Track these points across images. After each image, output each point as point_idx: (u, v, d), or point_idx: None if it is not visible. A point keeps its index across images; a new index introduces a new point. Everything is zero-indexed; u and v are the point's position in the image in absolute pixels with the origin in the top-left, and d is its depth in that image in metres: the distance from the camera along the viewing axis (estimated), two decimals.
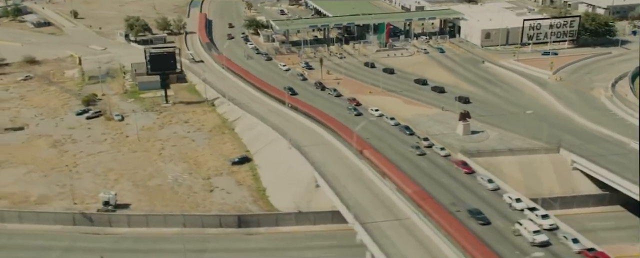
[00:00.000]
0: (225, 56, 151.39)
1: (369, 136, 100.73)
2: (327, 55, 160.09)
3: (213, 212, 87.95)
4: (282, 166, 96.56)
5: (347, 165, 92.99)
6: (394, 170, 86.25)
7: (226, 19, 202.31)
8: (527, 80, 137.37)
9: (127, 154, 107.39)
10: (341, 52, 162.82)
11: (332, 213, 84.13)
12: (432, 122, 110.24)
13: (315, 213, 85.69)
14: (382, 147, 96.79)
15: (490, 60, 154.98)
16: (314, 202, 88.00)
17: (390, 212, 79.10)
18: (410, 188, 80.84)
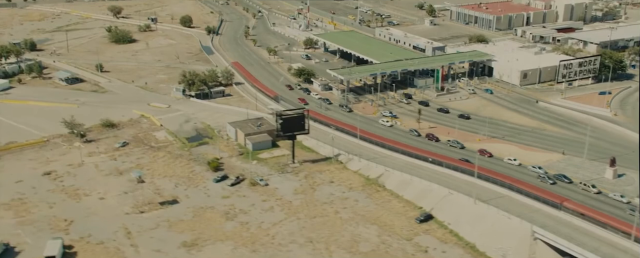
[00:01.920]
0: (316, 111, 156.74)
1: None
2: (395, 102, 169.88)
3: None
4: (483, 221, 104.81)
5: (551, 217, 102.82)
6: (612, 218, 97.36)
7: (256, 67, 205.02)
8: (596, 118, 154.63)
9: (309, 220, 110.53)
10: (404, 98, 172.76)
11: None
12: (572, 167, 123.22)
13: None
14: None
15: (542, 99, 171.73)
16: (537, 254, 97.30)
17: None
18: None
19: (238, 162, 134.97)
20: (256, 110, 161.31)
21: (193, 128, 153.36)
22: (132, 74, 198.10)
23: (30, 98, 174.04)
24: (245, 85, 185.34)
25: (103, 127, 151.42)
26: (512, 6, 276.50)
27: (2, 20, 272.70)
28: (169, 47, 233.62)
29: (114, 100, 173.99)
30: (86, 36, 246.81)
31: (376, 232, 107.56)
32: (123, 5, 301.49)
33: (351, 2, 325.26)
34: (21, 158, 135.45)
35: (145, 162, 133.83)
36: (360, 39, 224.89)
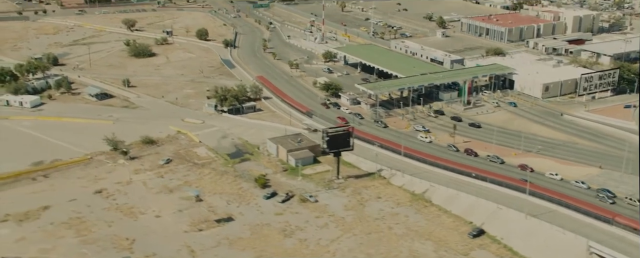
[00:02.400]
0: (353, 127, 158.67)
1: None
2: (424, 116, 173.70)
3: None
4: (535, 236, 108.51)
5: (604, 232, 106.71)
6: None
7: (280, 81, 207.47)
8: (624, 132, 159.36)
9: (365, 237, 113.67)
10: (432, 112, 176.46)
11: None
12: (611, 181, 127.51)
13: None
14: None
15: (566, 112, 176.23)
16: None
17: None
18: None
19: (283, 178, 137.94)
20: (290, 126, 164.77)
21: (231, 144, 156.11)
22: (159, 89, 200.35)
23: (64, 114, 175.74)
24: (274, 100, 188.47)
25: (143, 144, 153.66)
26: (522, 18, 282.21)
27: (18, 33, 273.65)
28: (189, 60, 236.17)
29: (147, 116, 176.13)
30: (104, 50, 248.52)
31: (432, 247, 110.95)
32: (134, 17, 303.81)
33: (360, 13, 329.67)
34: (69, 177, 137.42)
35: (192, 179, 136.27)
36: (379, 52, 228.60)
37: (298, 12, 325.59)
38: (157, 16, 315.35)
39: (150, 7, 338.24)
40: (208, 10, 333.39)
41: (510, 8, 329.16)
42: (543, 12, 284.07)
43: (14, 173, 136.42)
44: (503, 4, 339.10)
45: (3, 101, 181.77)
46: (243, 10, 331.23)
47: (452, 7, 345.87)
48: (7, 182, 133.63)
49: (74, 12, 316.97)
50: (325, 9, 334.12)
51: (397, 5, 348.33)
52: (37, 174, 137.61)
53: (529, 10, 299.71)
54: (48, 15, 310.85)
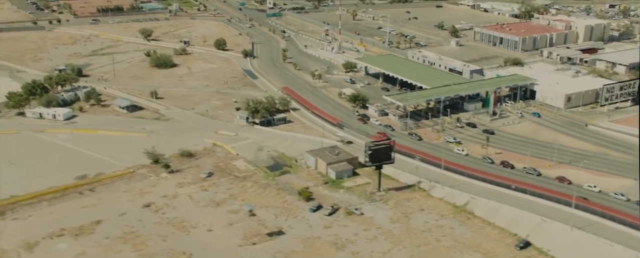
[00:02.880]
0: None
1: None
2: (452, 127, 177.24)
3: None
4: (583, 248, 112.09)
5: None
6: None
7: (305, 91, 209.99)
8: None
9: (415, 249, 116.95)
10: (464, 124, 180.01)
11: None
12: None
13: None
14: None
15: (591, 122, 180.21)
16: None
17: None
18: None
19: (325, 191, 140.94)
20: (323, 138, 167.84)
21: (268, 156, 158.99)
22: (186, 101, 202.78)
23: (97, 127, 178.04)
24: (302, 111, 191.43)
25: (182, 157, 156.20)
26: (534, 27, 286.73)
27: (36, 44, 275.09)
28: (211, 71, 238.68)
29: (180, 128, 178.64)
30: (125, 60, 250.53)
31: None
32: (149, 27, 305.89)
33: (372, 22, 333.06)
34: (115, 190, 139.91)
35: (236, 193, 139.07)
36: (399, 63, 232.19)
37: (310, 21, 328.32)
38: (171, 25, 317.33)
39: (162, 15, 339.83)
40: (220, 19, 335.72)
41: (519, 16, 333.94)
42: (554, 21, 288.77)
43: (62, 187, 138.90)
44: (511, 12, 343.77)
45: (36, 114, 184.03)
46: (255, 19, 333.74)
47: (460, 15, 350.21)
48: (56, 196, 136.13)
49: (88, 22, 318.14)
50: (337, 18, 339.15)
51: (406, 13, 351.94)
52: (84, 188, 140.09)
53: (540, 19, 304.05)
54: (63, 24, 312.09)
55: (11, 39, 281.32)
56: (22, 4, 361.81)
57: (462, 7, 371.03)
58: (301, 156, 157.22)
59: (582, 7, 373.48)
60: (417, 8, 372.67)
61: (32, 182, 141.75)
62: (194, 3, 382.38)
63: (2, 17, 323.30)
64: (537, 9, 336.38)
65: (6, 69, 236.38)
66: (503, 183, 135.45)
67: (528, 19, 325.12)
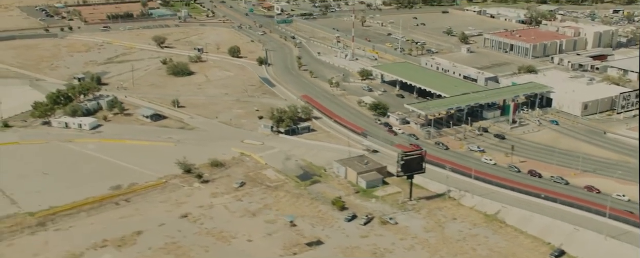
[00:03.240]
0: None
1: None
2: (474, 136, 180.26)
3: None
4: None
5: None
6: None
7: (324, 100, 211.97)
8: None
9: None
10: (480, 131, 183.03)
11: None
12: None
13: None
14: None
15: (609, 130, 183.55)
16: None
17: None
18: None
19: (358, 200, 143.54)
20: (348, 147, 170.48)
21: (297, 166, 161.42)
22: (208, 109, 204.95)
23: (123, 136, 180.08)
24: (324, 120, 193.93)
25: (212, 167, 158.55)
26: (544, 34, 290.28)
27: (50, 52, 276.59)
28: (228, 79, 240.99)
29: (206, 137, 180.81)
30: (141, 68, 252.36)
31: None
32: (159, 33, 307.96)
33: (381, 28, 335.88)
34: (151, 201, 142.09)
35: (271, 203, 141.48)
36: (415, 70, 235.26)
37: (320, 28, 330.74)
38: (182, 32, 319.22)
39: (172, 22, 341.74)
40: (230, 25, 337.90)
41: (526, 23, 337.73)
42: (563, 28, 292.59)
43: (98, 198, 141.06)
44: (518, 18, 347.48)
45: (62, 123, 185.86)
46: (265, 26, 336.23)
47: (467, 21, 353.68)
48: (94, 207, 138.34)
49: (100, 29, 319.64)
50: (346, 24, 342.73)
51: (413, 19, 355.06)
52: (120, 199, 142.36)
53: (549, 25, 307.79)
54: (74, 32, 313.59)
55: (26, 46, 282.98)
56: (31, 11, 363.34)
57: (469, 14, 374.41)
58: (330, 165, 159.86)
59: (587, 12, 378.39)
60: (424, 14, 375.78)
61: (68, 192, 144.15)
62: (203, 9, 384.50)
63: (14, 24, 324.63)
64: (544, 16, 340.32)
65: (25, 77, 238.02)
66: (532, 193, 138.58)
67: (536, 25, 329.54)
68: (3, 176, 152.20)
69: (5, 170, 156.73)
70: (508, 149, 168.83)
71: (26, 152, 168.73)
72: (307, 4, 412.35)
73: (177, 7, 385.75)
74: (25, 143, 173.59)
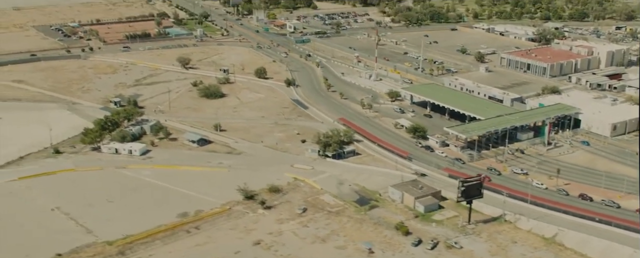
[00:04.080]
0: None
1: None
2: (513, 158, 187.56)
3: None
4: None
5: None
6: None
7: (359, 122, 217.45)
8: None
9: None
10: (515, 153, 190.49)
11: None
12: None
13: None
14: None
15: None
16: None
17: None
18: None
19: (418, 224, 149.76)
20: (396, 170, 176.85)
21: (351, 190, 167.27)
22: (249, 133, 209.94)
23: (174, 162, 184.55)
24: (365, 143, 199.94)
25: (270, 192, 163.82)
26: (558, 53, 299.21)
27: (76, 73, 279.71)
28: (260, 101, 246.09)
29: (255, 162, 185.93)
30: (172, 90, 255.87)
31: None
32: (179, 53, 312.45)
33: (395, 46, 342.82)
34: (220, 228, 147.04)
35: (336, 228, 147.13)
36: (443, 91, 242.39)
37: (336, 47, 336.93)
38: (202, 52, 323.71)
39: (189, 41, 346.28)
40: (247, 44, 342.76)
41: (535, 40, 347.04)
42: (577, 47, 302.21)
43: (170, 225, 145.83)
44: (527, 36, 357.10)
45: (112, 149, 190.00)
46: (282, 45, 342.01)
47: (477, 39, 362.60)
48: (167, 235, 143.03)
49: (119, 49, 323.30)
50: (360, 42, 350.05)
51: (425, 37, 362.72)
52: (190, 226, 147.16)
53: (561, 44, 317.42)
54: (95, 52, 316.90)
55: (51, 68, 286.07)
56: (47, 30, 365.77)
57: (477, 31, 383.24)
58: (383, 190, 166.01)
59: (590, 29, 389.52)
60: (433, 31, 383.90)
61: (137, 220, 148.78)
62: (215, 27, 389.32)
63: (33, 45, 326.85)
64: (552, 34, 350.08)
65: (60, 101, 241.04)
66: (586, 216, 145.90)
67: (545, 43, 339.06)
68: (70, 204, 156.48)
69: (69, 197, 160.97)
70: (546, 170, 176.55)
71: (84, 178, 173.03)
72: (316, 21, 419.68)
73: (190, 25, 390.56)
74: (81, 169, 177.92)
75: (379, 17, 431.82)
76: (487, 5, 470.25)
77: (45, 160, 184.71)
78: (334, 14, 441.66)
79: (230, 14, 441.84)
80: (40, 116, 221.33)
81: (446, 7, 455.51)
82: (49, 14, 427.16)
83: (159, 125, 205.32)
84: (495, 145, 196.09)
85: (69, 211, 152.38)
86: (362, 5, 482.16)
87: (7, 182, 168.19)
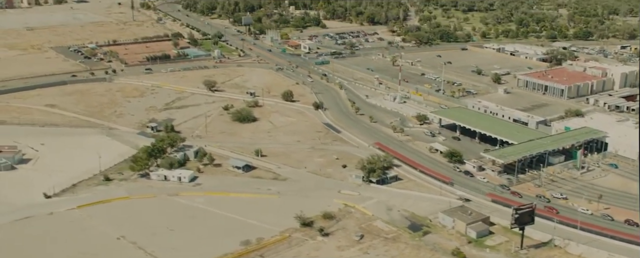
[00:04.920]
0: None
1: None
2: (549, 181, 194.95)
3: None
4: None
5: None
6: None
7: (393, 146, 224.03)
8: None
9: None
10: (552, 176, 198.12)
11: None
12: None
13: None
14: None
15: None
16: None
17: None
18: None
19: (473, 250, 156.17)
20: (440, 196, 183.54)
21: (401, 216, 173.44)
22: (289, 158, 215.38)
23: (223, 189, 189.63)
24: (404, 168, 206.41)
25: (325, 219, 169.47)
26: (573, 74, 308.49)
27: (105, 97, 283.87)
28: (292, 125, 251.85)
29: (302, 188, 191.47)
30: (203, 114, 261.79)
31: None
32: (201, 75, 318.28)
33: (410, 67, 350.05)
34: (285, 256, 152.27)
35: (395, 255, 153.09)
36: (471, 115, 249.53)
37: (355, 68, 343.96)
38: (223, 74, 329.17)
39: (209, 62, 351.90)
40: (266, 65, 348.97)
41: (546, 61, 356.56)
42: (590, 68, 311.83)
43: (237, 254, 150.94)
44: (538, 56, 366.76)
45: (161, 176, 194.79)
46: (301, 66, 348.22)
47: (488, 59, 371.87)
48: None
49: (142, 71, 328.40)
50: (376, 63, 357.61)
51: (437, 57, 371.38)
52: (255, 254, 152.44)
53: (574, 65, 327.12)
54: (118, 74, 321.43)
55: (79, 92, 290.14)
56: (65, 52, 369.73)
57: (488, 51, 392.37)
58: (433, 215, 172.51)
59: (596, 48, 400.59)
60: (444, 51, 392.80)
61: (202, 248, 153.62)
62: (230, 48, 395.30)
63: (56, 67, 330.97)
64: (563, 54, 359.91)
65: (96, 126, 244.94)
66: (634, 241, 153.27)
67: (556, 63, 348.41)
68: (134, 232, 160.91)
69: (131, 226, 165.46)
70: (582, 194, 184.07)
71: (140, 206, 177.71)
72: (327, 41, 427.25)
73: (206, 45, 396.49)
74: (135, 197, 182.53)
75: (388, 37, 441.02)
76: (492, 24, 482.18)
77: (97, 188, 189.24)
78: (344, 33, 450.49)
79: (242, 33, 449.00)
80: (81, 142, 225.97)
81: (453, 26, 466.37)
82: (62, 34, 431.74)
83: (203, 152, 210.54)
84: (529, 169, 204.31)
85: (135, 240, 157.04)
86: (369, 24, 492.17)
87: (67, 211, 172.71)
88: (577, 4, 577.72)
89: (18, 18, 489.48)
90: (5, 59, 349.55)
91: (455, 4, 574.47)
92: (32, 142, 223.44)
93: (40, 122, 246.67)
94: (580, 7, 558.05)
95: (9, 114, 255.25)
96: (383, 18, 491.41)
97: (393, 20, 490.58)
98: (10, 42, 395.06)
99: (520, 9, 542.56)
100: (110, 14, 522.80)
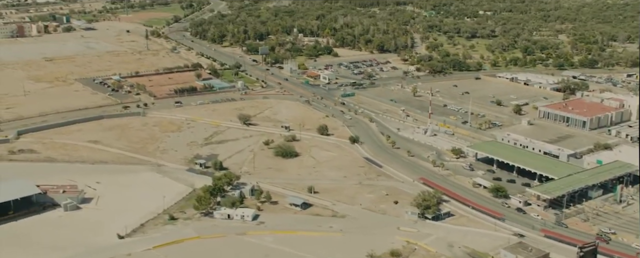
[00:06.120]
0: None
1: None
2: (594, 216, 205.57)
3: None
4: None
5: None
6: None
7: (438, 181, 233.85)
8: None
9: None
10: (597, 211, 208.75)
11: None
12: None
13: None
14: None
15: None
16: None
17: None
18: None
19: None
20: (495, 231, 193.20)
21: (463, 253, 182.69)
22: (340, 194, 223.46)
23: (286, 227, 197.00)
24: (453, 203, 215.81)
25: (392, 256, 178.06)
26: (592, 106, 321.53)
27: (144, 131, 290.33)
28: (335, 160, 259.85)
29: (362, 225, 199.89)
30: (244, 149, 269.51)
31: None
32: (230, 107, 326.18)
33: (434, 98, 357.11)
34: None
35: None
36: (505, 148, 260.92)
37: (378, 99, 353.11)
38: (252, 106, 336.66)
39: (235, 94, 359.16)
40: (292, 97, 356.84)
41: (559, 90, 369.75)
42: (607, 99, 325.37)
43: None
44: (551, 86, 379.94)
45: (224, 215, 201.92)
46: (325, 97, 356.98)
47: (502, 88, 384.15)
48: None
49: (172, 104, 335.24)
50: (397, 94, 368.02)
51: (454, 87, 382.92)
52: None
53: (591, 96, 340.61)
54: (150, 108, 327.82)
55: (118, 126, 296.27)
56: (91, 84, 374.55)
57: (501, 80, 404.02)
58: (493, 252, 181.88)
59: (603, 76, 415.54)
60: (458, 80, 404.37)
61: None
62: (251, 79, 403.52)
63: (87, 100, 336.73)
64: (575, 84, 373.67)
65: (144, 162, 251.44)
66: None
67: (570, 93, 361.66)
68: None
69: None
70: (628, 228, 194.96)
71: (212, 246, 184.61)
72: (343, 70, 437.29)
73: (226, 76, 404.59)
74: (206, 237, 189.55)
75: (401, 65, 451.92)
76: (498, 52, 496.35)
77: (165, 227, 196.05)
78: (358, 62, 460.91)
79: (258, 62, 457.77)
80: (135, 180, 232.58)
81: (461, 54, 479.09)
82: (82, 65, 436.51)
83: (260, 190, 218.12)
84: (571, 204, 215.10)
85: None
86: (379, 51, 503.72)
87: (143, 251, 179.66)
88: (575, 30, 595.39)
89: (33, 48, 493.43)
90: (35, 92, 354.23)
91: (458, 31, 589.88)
92: (87, 180, 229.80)
93: (90, 160, 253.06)
94: (579, 32, 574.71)
95: (56, 151, 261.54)
96: (392, 46, 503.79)
97: (402, 48, 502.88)
98: (34, 74, 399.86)
99: (522, 36, 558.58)
100: (122, 43, 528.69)
